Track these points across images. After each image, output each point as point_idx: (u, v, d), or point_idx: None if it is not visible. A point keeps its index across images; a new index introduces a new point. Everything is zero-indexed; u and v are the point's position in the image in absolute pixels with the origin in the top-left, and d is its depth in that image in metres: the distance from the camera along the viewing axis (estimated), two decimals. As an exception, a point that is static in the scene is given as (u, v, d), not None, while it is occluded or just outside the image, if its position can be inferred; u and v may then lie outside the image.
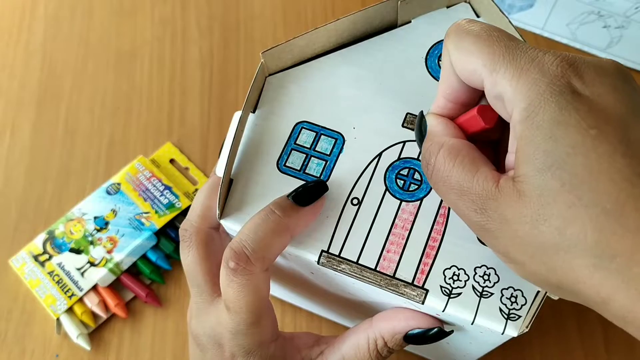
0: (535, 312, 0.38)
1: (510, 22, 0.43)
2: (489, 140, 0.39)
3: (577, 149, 0.29)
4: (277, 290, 0.61)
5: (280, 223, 0.39)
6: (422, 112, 0.40)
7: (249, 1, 0.84)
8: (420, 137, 0.39)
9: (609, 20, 0.76)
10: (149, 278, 0.68)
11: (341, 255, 0.40)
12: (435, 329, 0.41)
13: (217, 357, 0.43)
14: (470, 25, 0.35)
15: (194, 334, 0.45)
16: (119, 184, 0.71)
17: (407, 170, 0.42)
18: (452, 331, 0.41)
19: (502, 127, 0.38)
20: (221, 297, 0.42)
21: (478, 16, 0.46)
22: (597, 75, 0.31)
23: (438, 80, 0.45)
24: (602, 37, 0.76)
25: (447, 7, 0.47)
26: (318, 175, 0.42)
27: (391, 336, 0.42)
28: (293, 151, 0.43)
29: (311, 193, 0.40)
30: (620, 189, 0.29)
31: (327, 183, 0.42)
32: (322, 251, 0.40)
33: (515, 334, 0.38)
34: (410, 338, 0.42)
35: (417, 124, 0.40)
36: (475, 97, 0.38)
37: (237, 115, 0.42)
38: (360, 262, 0.40)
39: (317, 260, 0.40)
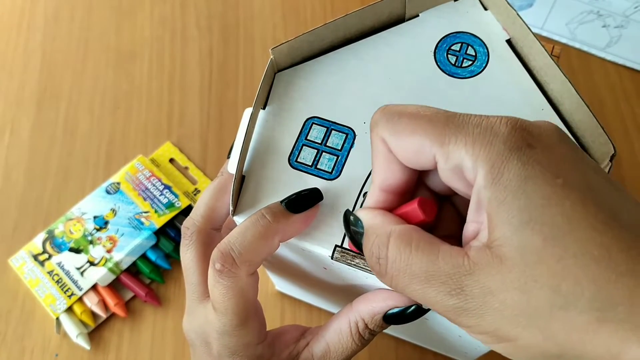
0: None
1: (517, 14, 0.43)
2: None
3: (550, 200, 0.29)
4: (283, 286, 0.61)
5: (270, 228, 0.39)
6: (347, 210, 0.37)
7: (249, 1, 0.84)
8: (352, 236, 0.37)
9: (608, 20, 0.76)
10: (149, 277, 0.68)
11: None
12: (413, 307, 0.41)
13: (205, 354, 0.44)
14: (397, 107, 0.34)
15: (184, 330, 0.46)
16: (118, 183, 0.71)
17: None
18: (429, 309, 0.41)
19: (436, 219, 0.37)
20: None
21: (486, 9, 0.46)
22: (542, 130, 0.31)
23: (447, 74, 0.45)
24: (601, 37, 0.76)
25: (455, 0, 0.47)
26: (330, 171, 0.42)
27: (371, 317, 0.42)
28: (304, 147, 0.43)
29: (304, 201, 0.40)
30: (601, 233, 0.28)
31: (339, 178, 0.42)
32: (336, 246, 0.40)
33: None
34: (389, 318, 0.42)
35: (345, 224, 0.37)
36: (413, 184, 0.37)
37: (248, 112, 0.42)
38: None
39: (331, 255, 0.40)
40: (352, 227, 0.36)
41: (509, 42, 0.45)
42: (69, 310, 0.66)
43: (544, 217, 0.28)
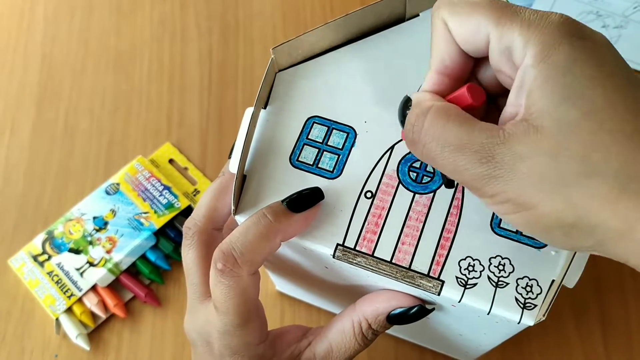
0: (551, 301, 0.38)
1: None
2: None
3: (594, 81, 0.30)
4: (284, 286, 0.62)
5: (271, 228, 0.39)
6: (407, 95, 0.39)
7: (248, 1, 0.84)
8: (404, 115, 0.38)
9: (608, 20, 0.76)
10: (148, 278, 0.68)
11: (356, 248, 0.40)
12: (417, 307, 0.41)
13: (207, 354, 0.44)
14: None
15: (185, 330, 0.46)
16: (118, 184, 0.71)
17: (419, 162, 0.42)
18: (433, 309, 0.42)
19: (485, 109, 0.39)
20: None
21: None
22: (593, 32, 0.33)
23: None
24: (600, 37, 0.76)
25: None
26: (331, 170, 0.42)
27: (374, 317, 0.43)
28: (305, 146, 0.43)
29: (305, 200, 0.40)
30: (636, 116, 0.30)
31: (341, 177, 0.42)
32: (338, 245, 0.40)
33: (531, 323, 0.38)
34: (393, 318, 0.42)
35: (401, 105, 0.39)
36: (469, 69, 0.38)
37: (249, 111, 0.42)
38: (375, 254, 0.40)
39: (332, 254, 0.40)
40: (403, 108, 0.38)
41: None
42: (69, 310, 0.66)
43: (585, 95, 0.30)
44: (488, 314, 0.39)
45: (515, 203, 0.32)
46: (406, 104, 0.38)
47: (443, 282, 0.39)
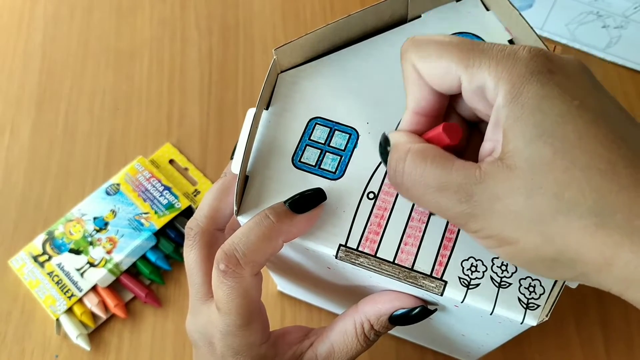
0: (554, 302, 0.38)
1: (520, 14, 0.43)
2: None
3: (565, 118, 0.31)
4: (286, 286, 0.61)
5: (273, 229, 0.39)
6: (384, 133, 0.39)
7: (248, 1, 0.84)
8: (383, 156, 0.39)
9: (608, 20, 0.76)
10: (149, 278, 0.68)
11: (359, 249, 0.40)
12: (419, 308, 0.42)
13: (209, 354, 0.44)
14: (425, 36, 0.37)
15: (187, 330, 0.46)
16: (118, 184, 0.71)
17: None
18: (435, 309, 0.42)
19: (465, 144, 0.39)
20: None
21: (488, 9, 0.46)
22: (564, 61, 0.33)
23: None
24: (601, 37, 0.76)
25: (457, 1, 0.47)
26: (334, 171, 0.42)
27: (377, 318, 0.43)
28: (308, 147, 0.43)
29: (308, 201, 0.40)
30: (610, 150, 0.30)
31: (343, 178, 0.42)
32: (340, 245, 0.40)
33: (534, 323, 0.38)
34: (395, 319, 0.42)
35: (380, 144, 0.39)
36: (445, 104, 0.39)
37: (251, 112, 0.42)
38: (378, 255, 0.40)
39: (335, 254, 0.40)
40: (383, 147, 0.38)
41: (511, 42, 0.45)
42: (69, 311, 0.66)
43: (556, 132, 0.31)
44: (491, 314, 0.39)
45: (496, 239, 0.33)
46: (385, 141, 0.38)
47: (446, 282, 0.39)
